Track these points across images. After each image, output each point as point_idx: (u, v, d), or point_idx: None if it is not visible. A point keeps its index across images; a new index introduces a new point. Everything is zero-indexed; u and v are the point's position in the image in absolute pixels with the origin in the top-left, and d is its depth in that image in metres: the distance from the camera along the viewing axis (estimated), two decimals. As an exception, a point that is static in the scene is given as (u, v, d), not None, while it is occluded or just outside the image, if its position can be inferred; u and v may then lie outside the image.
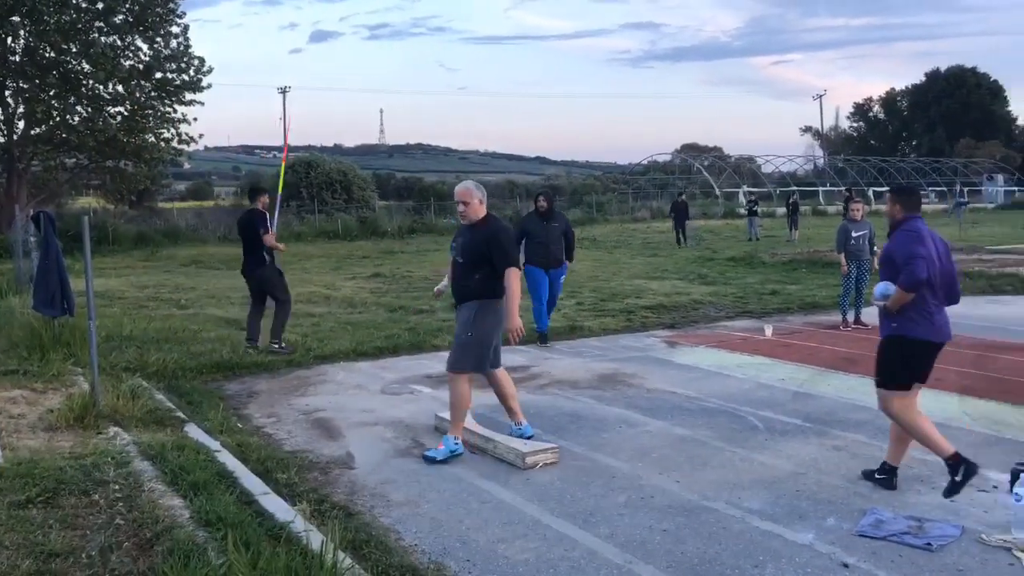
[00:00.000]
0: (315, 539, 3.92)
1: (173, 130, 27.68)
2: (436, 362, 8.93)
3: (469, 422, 6.28)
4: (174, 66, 27.24)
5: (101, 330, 8.97)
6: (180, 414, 6.47)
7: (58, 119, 26.85)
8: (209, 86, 27.80)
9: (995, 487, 5.11)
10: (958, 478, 4.90)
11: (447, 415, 6.34)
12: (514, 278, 5.74)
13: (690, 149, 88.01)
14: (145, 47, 27.19)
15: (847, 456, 5.79)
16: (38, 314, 8.49)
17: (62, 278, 8.22)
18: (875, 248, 11.01)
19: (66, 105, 26.86)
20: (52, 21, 25.61)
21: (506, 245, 5.83)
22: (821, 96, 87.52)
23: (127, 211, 34.74)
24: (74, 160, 28.53)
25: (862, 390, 7.66)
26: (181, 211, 36.23)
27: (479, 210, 5.89)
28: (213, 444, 5.71)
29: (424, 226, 31.92)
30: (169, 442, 5.55)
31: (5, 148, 25.96)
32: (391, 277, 17.42)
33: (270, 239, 9.32)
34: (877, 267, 11.30)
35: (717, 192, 57.91)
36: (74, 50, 26.45)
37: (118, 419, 6.10)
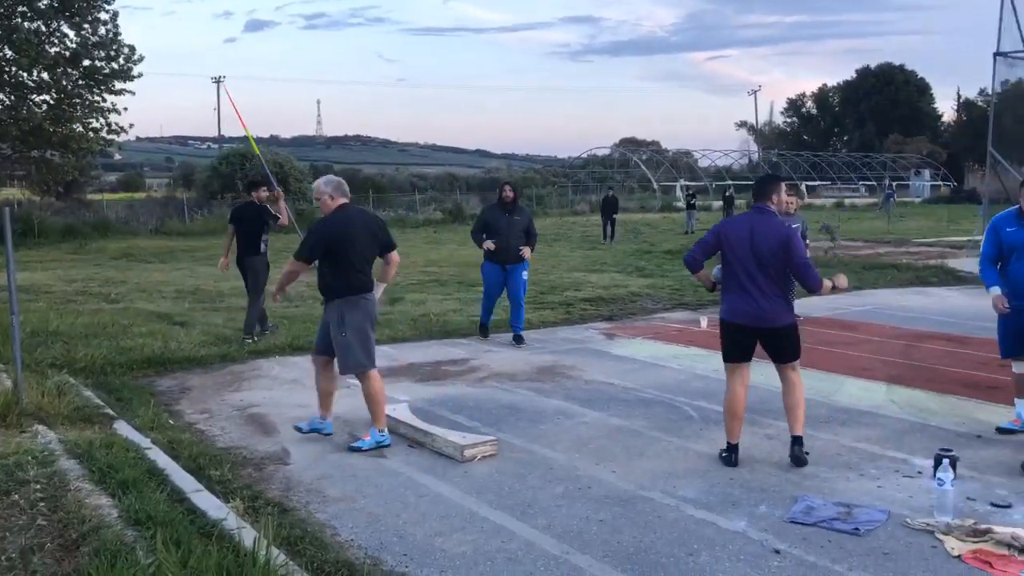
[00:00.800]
0: (248, 536, 3.86)
1: (102, 120, 26.89)
2: (374, 356, 8.86)
3: (407, 416, 6.25)
4: (103, 54, 26.43)
5: (26, 325, 8.70)
6: (109, 411, 6.31)
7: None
8: (140, 75, 27.07)
9: (920, 472, 5.26)
10: (724, 454, 5.51)
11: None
12: (287, 265, 5.95)
13: (629, 143, 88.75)
14: (72, 34, 26.33)
15: (779, 444, 5.90)
16: (-42, 309, 8.18)
17: (-17, 272, 7.91)
18: (807, 241, 11.23)
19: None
20: (-28, 6, 24.70)
21: (307, 238, 5.86)
22: (756, 92, 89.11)
23: (54, 203, 33.67)
24: (-3, 150, 27.51)
25: (794, 380, 7.82)
26: (111, 203, 35.20)
27: (329, 204, 5.88)
28: (143, 441, 5.58)
29: (362, 219, 31.49)
30: (97, 440, 5.41)
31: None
32: (328, 270, 17.20)
33: (285, 222, 9.78)
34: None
35: (655, 186, 58.56)
36: (16, 38, 25.41)
37: (43, 417, 5.92)
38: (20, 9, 25.46)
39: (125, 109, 28.71)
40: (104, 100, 26.78)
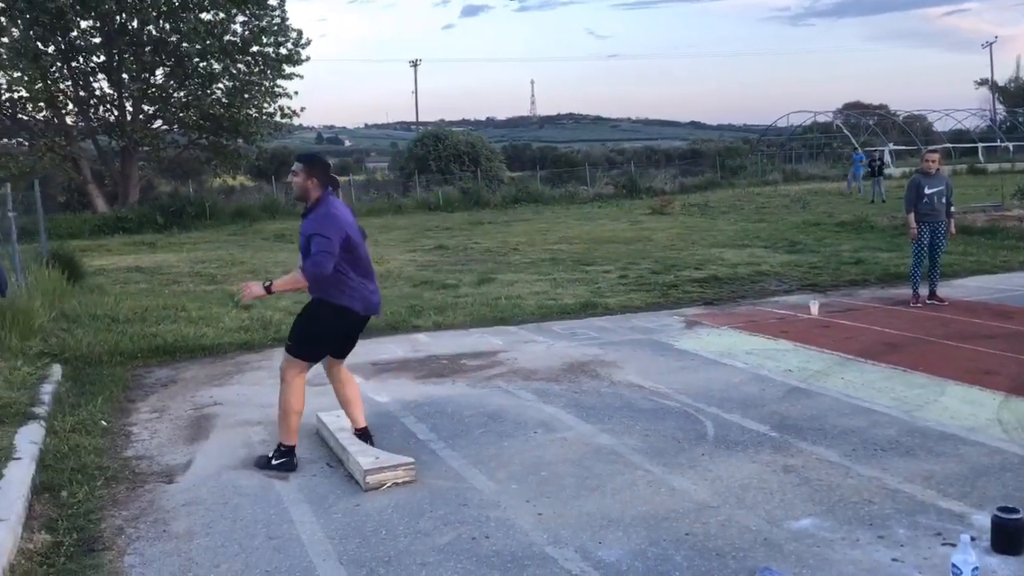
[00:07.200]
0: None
1: (275, 104, 27.71)
2: (400, 346, 7.92)
3: (336, 425, 5.24)
4: (272, 40, 27.13)
5: (69, 310, 8.49)
6: (37, 409, 5.73)
7: (166, 96, 27.29)
8: (307, 59, 27.61)
9: (973, 539, 3.59)
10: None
11: (327, 417, 5.41)
12: None
13: (854, 107, 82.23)
14: (242, 20, 27.10)
15: (792, 481, 4.37)
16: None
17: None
18: (952, 208, 9.06)
19: (175, 83, 27.30)
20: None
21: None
22: (991, 44, 78.39)
23: (251, 186, 35.45)
24: (186, 138, 29.04)
25: (879, 386, 6.08)
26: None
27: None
28: (29, 449, 4.91)
29: (529, 195, 30.72)
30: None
31: (120, 126, 26.66)
32: (452, 249, 16.49)
33: None
34: (954, 231, 9.32)
35: (887, 154, 53.58)
36: (183, 28, 26.68)
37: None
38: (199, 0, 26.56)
39: (296, 93, 29.43)
40: (276, 85, 27.56)
